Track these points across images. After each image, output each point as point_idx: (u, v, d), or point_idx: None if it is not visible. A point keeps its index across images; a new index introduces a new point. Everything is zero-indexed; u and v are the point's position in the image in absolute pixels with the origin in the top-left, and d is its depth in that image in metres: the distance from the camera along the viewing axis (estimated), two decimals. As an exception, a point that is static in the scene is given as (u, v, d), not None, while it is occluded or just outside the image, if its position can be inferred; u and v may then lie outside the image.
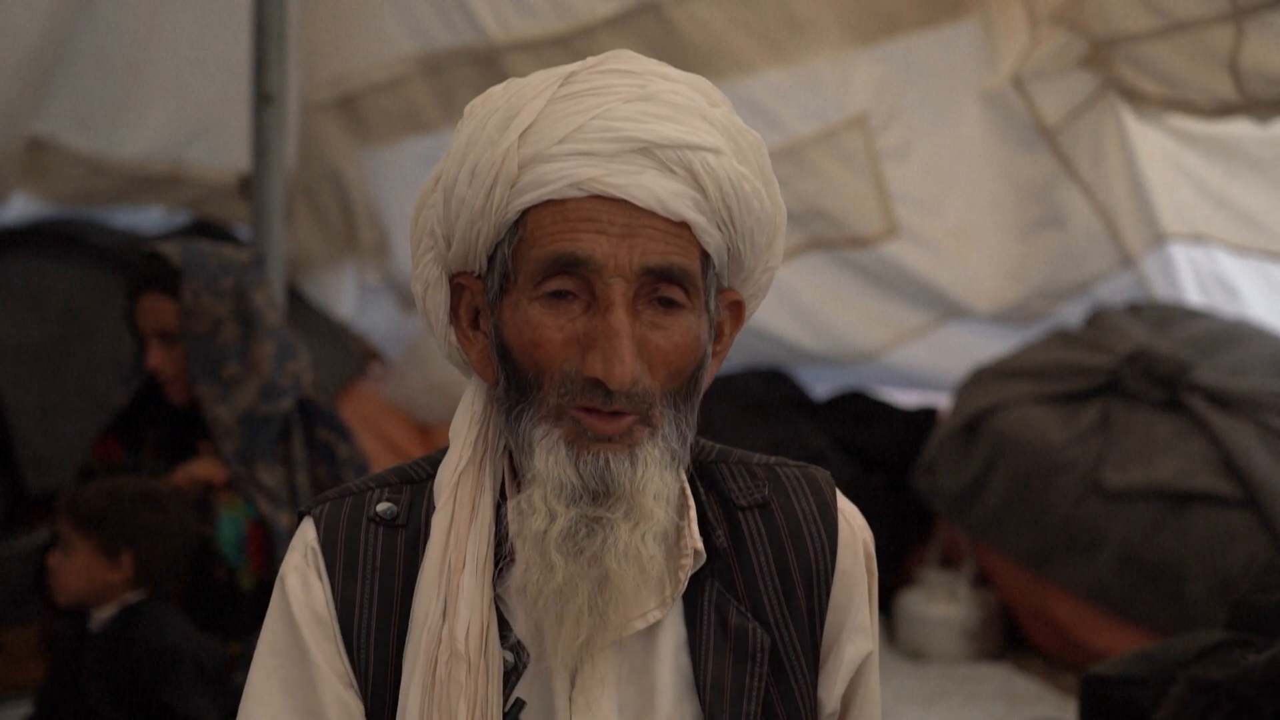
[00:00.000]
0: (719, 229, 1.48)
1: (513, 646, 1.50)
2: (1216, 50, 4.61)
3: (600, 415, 1.44)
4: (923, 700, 4.71)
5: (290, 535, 3.16)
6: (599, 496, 1.44)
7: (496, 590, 1.51)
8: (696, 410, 1.52)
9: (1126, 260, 5.73)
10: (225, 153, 5.32)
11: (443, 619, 1.48)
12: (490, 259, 1.51)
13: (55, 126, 5.38)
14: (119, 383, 3.49)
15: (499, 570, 1.51)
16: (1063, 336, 5.36)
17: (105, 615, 2.92)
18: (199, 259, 3.29)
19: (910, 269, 5.67)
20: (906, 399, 5.96)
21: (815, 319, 5.77)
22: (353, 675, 1.51)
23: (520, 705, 1.49)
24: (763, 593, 1.56)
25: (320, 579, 1.53)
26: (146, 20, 5.30)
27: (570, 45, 5.27)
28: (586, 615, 1.45)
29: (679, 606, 1.53)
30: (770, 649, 1.54)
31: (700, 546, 1.53)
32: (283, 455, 3.37)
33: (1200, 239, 5.69)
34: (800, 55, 5.45)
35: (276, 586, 1.55)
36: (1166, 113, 5.30)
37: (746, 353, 5.76)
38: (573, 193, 1.44)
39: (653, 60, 1.52)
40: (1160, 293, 5.76)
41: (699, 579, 1.54)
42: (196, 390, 3.29)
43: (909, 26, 5.48)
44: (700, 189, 1.45)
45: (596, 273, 1.43)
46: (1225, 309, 5.66)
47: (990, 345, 5.65)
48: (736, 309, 1.58)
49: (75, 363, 5.06)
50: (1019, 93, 5.46)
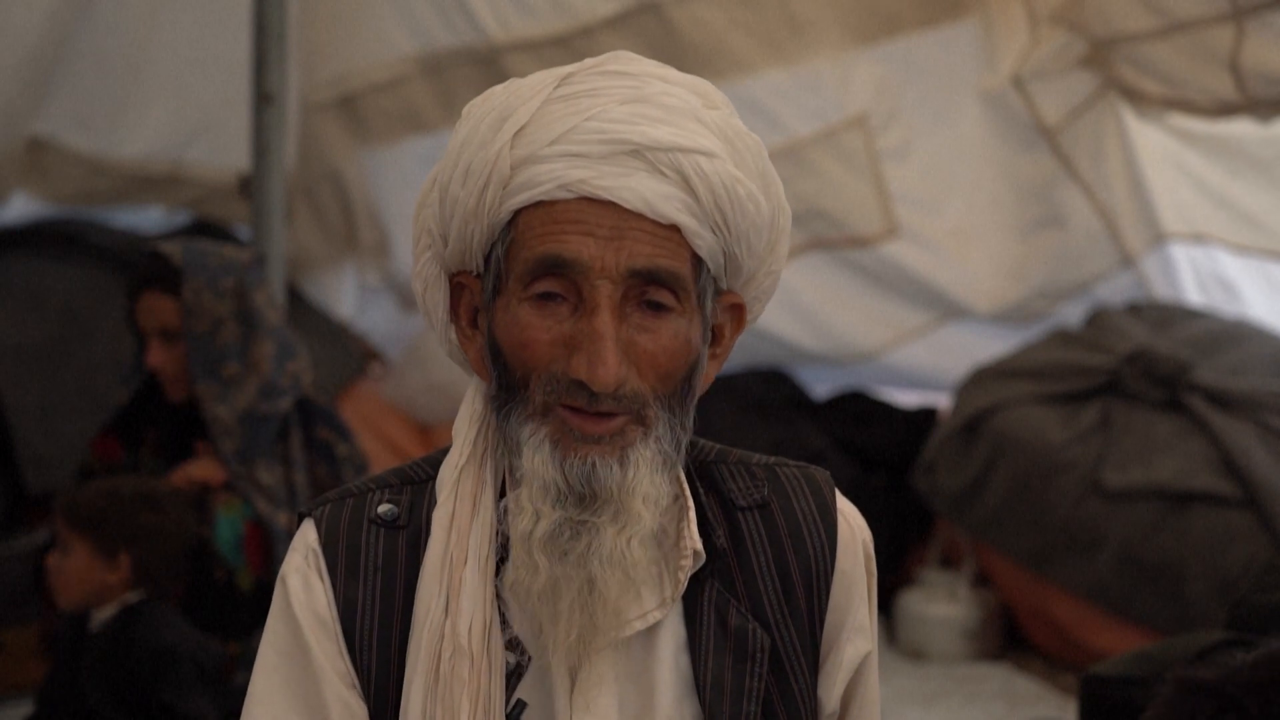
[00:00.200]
0: (713, 232, 1.47)
1: (511, 644, 1.50)
2: (1217, 50, 4.61)
3: (586, 415, 1.44)
4: (923, 700, 4.71)
5: (288, 535, 3.16)
6: (585, 500, 1.44)
7: (497, 587, 1.50)
8: (692, 412, 1.52)
9: (1126, 260, 5.73)
10: (225, 153, 5.32)
11: (445, 614, 1.48)
12: (486, 259, 1.51)
13: (55, 126, 5.38)
14: (119, 382, 3.49)
15: (499, 567, 1.51)
16: (1063, 336, 5.36)
17: (105, 615, 2.92)
18: (200, 258, 3.30)
19: (910, 269, 5.67)
20: (906, 399, 5.96)
21: (815, 319, 5.77)
22: (355, 676, 1.51)
23: (522, 706, 1.49)
24: (762, 593, 1.56)
25: (322, 580, 1.53)
26: (146, 20, 5.30)
27: (570, 45, 5.27)
28: (577, 615, 1.45)
29: (679, 607, 1.53)
30: (770, 649, 1.54)
31: (700, 547, 1.53)
32: (281, 455, 3.37)
33: (1200, 239, 5.69)
34: (800, 55, 5.45)
35: (278, 587, 1.55)
36: (1167, 112, 5.30)
37: (746, 353, 5.76)
38: (562, 194, 1.43)
39: (654, 62, 1.51)
40: (1160, 293, 5.76)
41: (699, 579, 1.53)
42: (196, 389, 3.29)
43: (909, 26, 5.48)
44: (691, 192, 1.44)
45: (583, 274, 1.43)
46: (1225, 309, 5.66)
47: (990, 345, 5.64)
48: (737, 312, 1.57)
49: (75, 363, 5.06)
50: (1019, 93, 5.46)
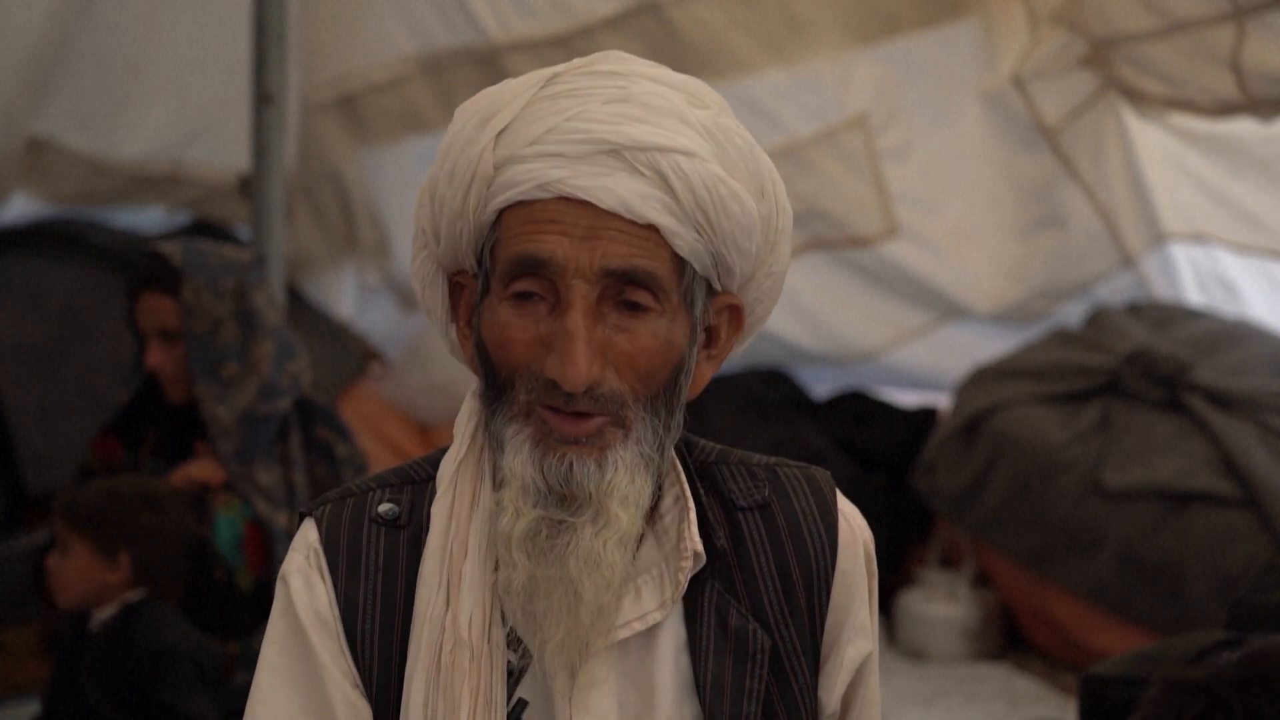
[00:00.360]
0: (697, 233, 1.46)
1: (512, 642, 1.50)
2: (1217, 50, 4.61)
3: (564, 415, 1.44)
4: (923, 700, 4.71)
5: (288, 536, 3.16)
6: (565, 500, 1.44)
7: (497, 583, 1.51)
8: (678, 413, 1.51)
9: (1126, 260, 5.73)
10: (225, 153, 5.32)
11: (445, 607, 1.48)
12: (479, 259, 1.51)
13: (55, 126, 5.38)
14: (119, 382, 3.49)
15: (498, 564, 1.50)
16: (1063, 336, 5.36)
17: (105, 615, 2.92)
18: (200, 259, 3.29)
19: (910, 269, 5.67)
20: (906, 399, 5.96)
21: (815, 319, 5.77)
22: (357, 676, 1.51)
23: (523, 705, 1.49)
24: (763, 594, 1.55)
25: (323, 580, 1.53)
26: (146, 20, 5.30)
27: (570, 45, 5.26)
28: (563, 616, 1.45)
29: (679, 608, 1.53)
30: (770, 650, 1.53)
31: (700, 549, 1.53)
32: (280, 455, 3.37)
33: (1201, 238, 5.69)
34: (800, 55, 5.45)
35: (279, 586, 1.55)
36: (1168, 112, 5.30)
37: (746, 353, 5.75)
38: (540, 194, 1.43)
39: (646, 62, 1.50)
40: (1160, 293, 5.76)
41: (699, 580, 1.53)
42: (196, 390, 3.29)
43: (909, 26, 5.48)
44: (671, 191, 1.43)
45: (558, 274, 1.42)
46: (1225, 309, 5.65)
47: (990, 345, 5.64)
48: (734, 313, 1.56)
49: (75, 363, 5.06)
50: (1019, 93, 5.46)
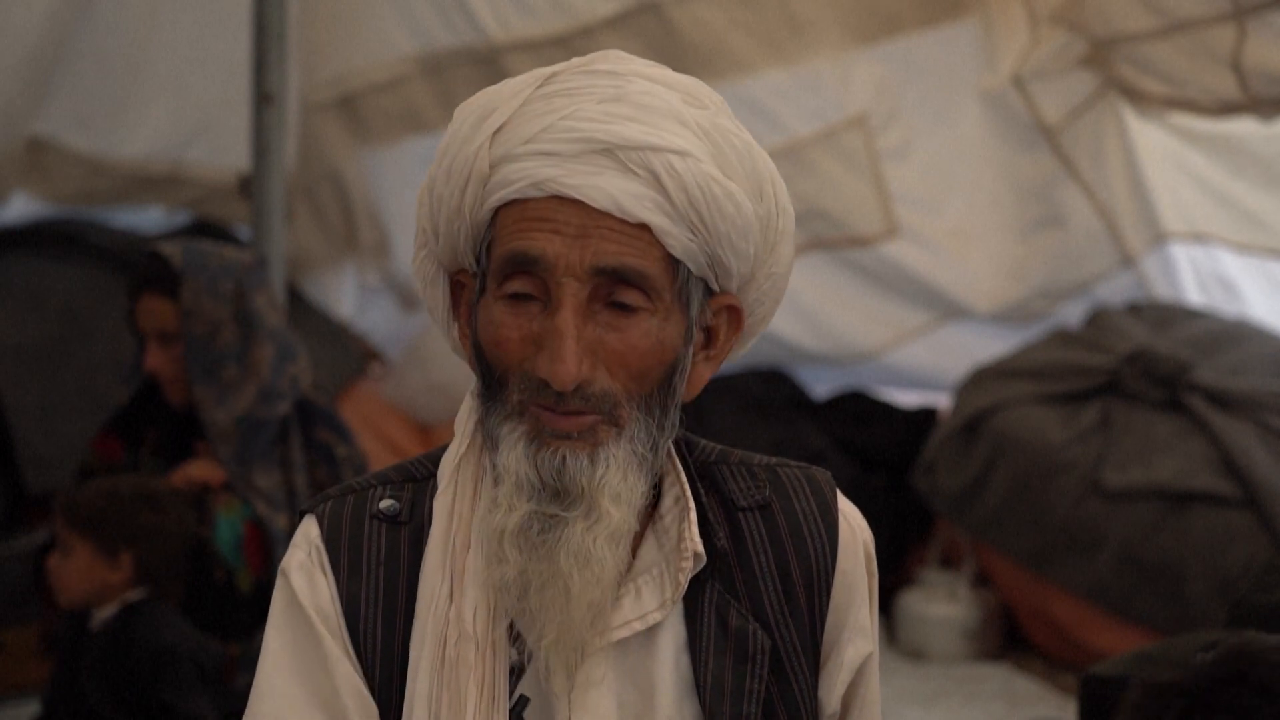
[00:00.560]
0: (691, 232, 1.46)
1: (514, 639, 1.50)
2: (1218, 50, 4.61)
3: (555, 412, 1.44)
4: (923, 700, 4.71)
5: (288, 537, 3.15)
6: (559, 495, 1.44)
7: None
8: (673, 413, 1.51)
9: (1127, 260, 5.73)
10: (225, 153, 5.32)
11: (449, 600, 1.48)
12: (476, 258, 1.52)
13: (55, 126, 5.37)
14: (119, 382, 3.49)
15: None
16: (1063, 336, 5.36)
17: (105, 615, 2.91)
18: (199, 260, 3.28)
19: (910, 269, 5.67)
20: (906, 399, 5.95)
21: (815, 319, 5.77)
22: (360, 671, 1.51)
23: (524, 702, 1.49)
24: (763, 594, 1.55)
25: (325, 575, 1.53)
26: (146, 20, 5.30)
27: (570, 45, 5.26)
28: (556, 613, 1.45)
29: (679, 608, 1.53)
30: (771, 650, 1.53)
31: (700, 549, 1.53)
32: (280, 458, 3.36)
33: (1201, 238, 5.69)
34: (800, 55, 5.45)
35: (279, 581, 1.54)
36: (1168, 112, 5.30)
37: (747, 353, 5.75)
38: (533, 192, 1.44)
39: (644, 62, 1.50)
40: (1160, 292, 5.76)
41: (700, 581, 1.53)
42: (194, 392, 3.28)
43: (909, 26, 5.48)
44: (663, 191, 1.43)
45: (549, 272, 1.43)
46: (1226, 309, 5.66)
47: (990, 345, 5.64)
48: (733, 314, 1.56)
49: (75, 363, 5.05)
50: (1019, 93, 5.46)
